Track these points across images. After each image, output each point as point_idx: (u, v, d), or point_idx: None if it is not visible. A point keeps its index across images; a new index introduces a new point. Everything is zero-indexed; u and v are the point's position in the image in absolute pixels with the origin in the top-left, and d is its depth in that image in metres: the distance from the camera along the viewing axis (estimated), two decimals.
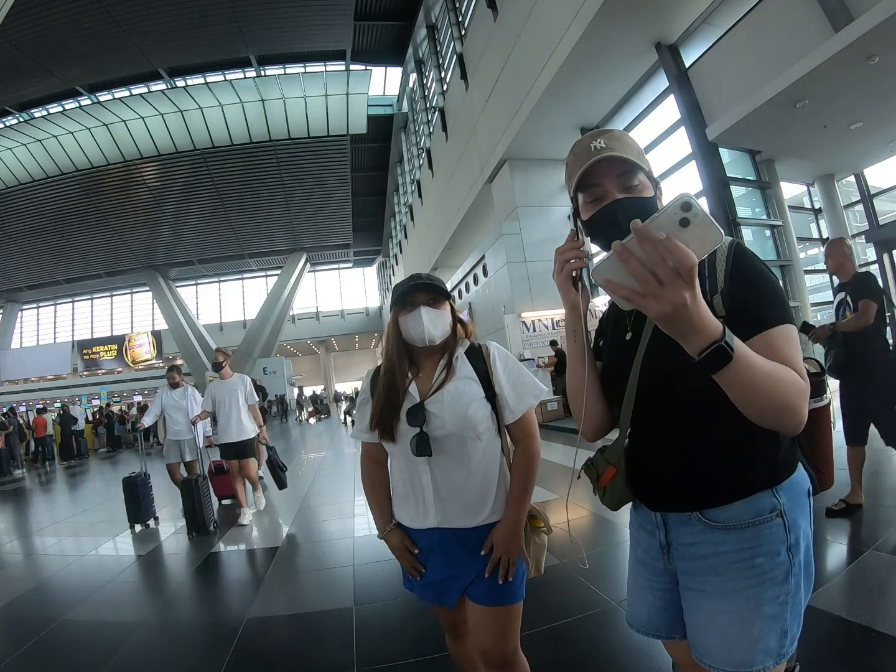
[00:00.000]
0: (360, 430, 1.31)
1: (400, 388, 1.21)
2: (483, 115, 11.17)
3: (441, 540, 1.20)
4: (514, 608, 1.18)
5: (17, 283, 25.84)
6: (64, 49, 13.50)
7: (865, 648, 1.59)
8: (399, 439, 1.20)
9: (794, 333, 0.73)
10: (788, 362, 0.69)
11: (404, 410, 1.19)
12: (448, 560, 1.19)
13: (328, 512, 4.44)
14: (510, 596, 1.17)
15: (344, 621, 2.26)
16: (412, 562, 1.22)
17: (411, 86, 18.08)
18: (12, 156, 18.25)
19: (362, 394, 1.33)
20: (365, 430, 1.29)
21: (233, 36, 14.48)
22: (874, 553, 2.19)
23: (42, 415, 12.06)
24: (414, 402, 1.20)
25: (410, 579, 1.27)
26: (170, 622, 2.49)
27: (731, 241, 0.79)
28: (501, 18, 9.81)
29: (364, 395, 1.32)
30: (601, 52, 7.12)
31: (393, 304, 1.25)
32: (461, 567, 1.18)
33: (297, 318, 31.68)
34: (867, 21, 4.47)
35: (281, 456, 4.49)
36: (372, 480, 1.34)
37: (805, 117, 5.99)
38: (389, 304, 1.29)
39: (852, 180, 8.62)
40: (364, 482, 1.36)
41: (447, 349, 1.25)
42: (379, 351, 2.90)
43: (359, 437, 1.34)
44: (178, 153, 18.94)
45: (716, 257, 0.78)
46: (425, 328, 1.18)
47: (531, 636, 1.88)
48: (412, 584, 1.28)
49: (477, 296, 11.95)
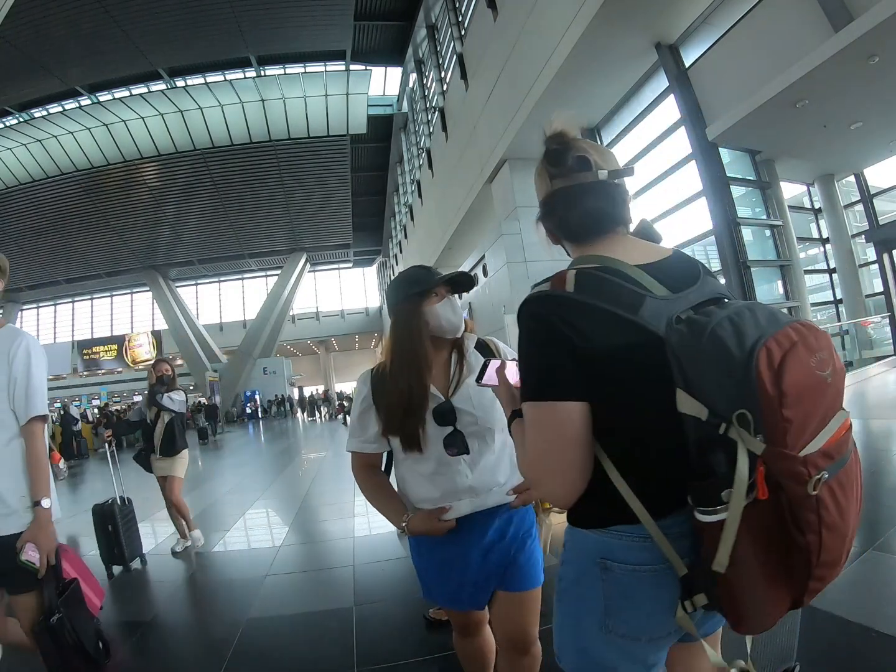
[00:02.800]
0: (364, 440, 1.20)
1: (426, 385, 1.13)
2: (483, 115, 11.17)
3: (476, 526, 1.18)
4: (538, 591, 1.23)
5: (17, 283, 25.82)
6: (64, 49, 13.51)
7: (865, 648, 1.58)
8: (429, 443, 1.13)
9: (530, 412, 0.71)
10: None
11: (429, 411, 1.13)
12: (484, 552, 1.18)
13: (328, 512, 4.44)
14: (537, 579, 1.22)
15: (344, 621, 2.26)
16: (448, 525, 1.13)
17: (411, 86, 18.07)
18: (12, 156, 18.26)
19: (361, 401, 1.20)
20: (371, 439, 1.19)
21: (233, 36, 14.48)
22: (874, 553, 2.18)
23: None
24: (438, 400, 1.15)
25: (436, 588, 1.23)
26: (170, 622, 2.49)
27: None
28: (501, 18, 9.81)
29: (365, 402, 1.19)
30: (601, 52, 7.11)
31: (410, 295, 1.17)
32: (498, 554, 1.19)
33: (297, 318, 31.66)
34: (867, 21, 4.47)
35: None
36: (373, 485, 1.25)
37: (805, 117, 5.99)
38: (399, 297, 1.19)
39: (852, 180, 8.62)
40: (365, 490, 1.26)
41: (455, 344, 1.24)
42: (378, 351, 2.16)
43: (361, 449, 1.21)
44: (178, 153, 18.95)
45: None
46: (460, 317, 1.18)
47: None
48: (437, 593, 1.23)
49: (477, 296, 11.95)
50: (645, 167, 7.85)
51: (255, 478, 7.05)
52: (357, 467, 1.26)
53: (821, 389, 0.60)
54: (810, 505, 0.58)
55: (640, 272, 0.71)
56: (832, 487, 0.59)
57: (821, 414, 0.60)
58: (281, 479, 6.71)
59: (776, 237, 7.30)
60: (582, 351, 0.66)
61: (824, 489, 0.58)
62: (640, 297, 0.68)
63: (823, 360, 0.60)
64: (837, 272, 8.75)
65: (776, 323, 0.61)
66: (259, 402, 24.05)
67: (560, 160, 0.80)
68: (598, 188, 0.78)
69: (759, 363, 0.57)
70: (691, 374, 0.62)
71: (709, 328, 0.61)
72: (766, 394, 0.57)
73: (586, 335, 0.66)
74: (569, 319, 0.67)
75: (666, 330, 0.65)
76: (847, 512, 0.61)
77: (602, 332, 0.66)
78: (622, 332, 0.66)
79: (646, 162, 7.83)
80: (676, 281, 0.72)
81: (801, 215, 8.79)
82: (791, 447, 0.57)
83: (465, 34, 12.30)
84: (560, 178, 0.80)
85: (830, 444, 0.59)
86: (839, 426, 0.61)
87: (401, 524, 1.17)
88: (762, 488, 0.58)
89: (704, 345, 0.60)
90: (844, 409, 0.63)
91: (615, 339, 0.66)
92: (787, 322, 0.61)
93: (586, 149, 0.80)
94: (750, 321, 0.61)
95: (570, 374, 0.67)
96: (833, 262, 8.79)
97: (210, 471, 8.30)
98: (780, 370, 0.57)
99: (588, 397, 0.68)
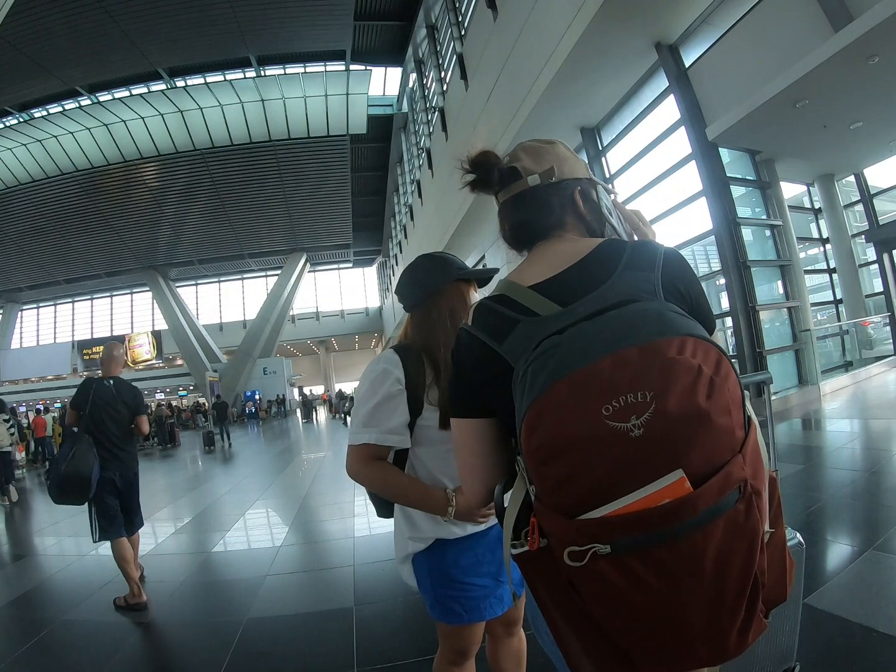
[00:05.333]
0: (387, 431, 1.06)
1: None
2: (483, 115, 11.17)
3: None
4: None
5: (17, 283, 25.84)
6: (64, 49, 13.51)
7: (865, 648, 1.58)
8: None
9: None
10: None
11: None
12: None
13: (328, 512, 4.44)
14: None
15: (344, 621, 2.26)
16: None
17: (411, 86, 18.07)
18: (12, 156, 18.26)
19: (388, 387, 1.06)
20: (397, 430, 1.06)
21: (233, 36, 14.49)
22: (874, 553, 2.18)
23: (42, 415, 12.05)
24: None
25: (475, 598, 1.12)
26: (170, 622, 2.49)
27: None
28: (501, 18, 9.81)
29: (394, 387, 1.06)
30: (601, 53, 7.11)
31: (455, 277, 1.16)
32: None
33: (297, 318, 31.67)
34: (867, 21, 4.46)
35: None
36: (393, 473, 1.10)
37: (805, 117, 5.99)
38: (445, 276, 1.16)
39: (852, 180, 8.62)
40: (383, 482, 1.09)
41: None
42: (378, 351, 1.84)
43: (381, 442, 1.07)
44: (178, 153, 18.94)
45: None
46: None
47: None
48: (487, 606, 1.14)
49: (476, 296, 11.95)
50: (645, 167, 7.86)
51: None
52: (361, 462, 1.08)
53: (613, 445, 0.50)
54: (584, 575, 0.51)
55: (530, 293, 0.68)
56: (625, 563, 0.50)
57: (612, 473, 0.50)
58: (280, 479, 6.71)
59: (776, 237, 7.30)
60: (470, 376, 0.71)
61: (605, 564, 0.50)
62: (513, 324, 0.66)
63: (630, 407, 0.49)
64: (837, 272, 8.75)
65: (593, 354, 0.53)
66: (259, 401, 24.06)
67: (487, 179, 0.78)
68: (527, 196, 0.76)
69: (532, 406, 0.53)
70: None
71: (529, 363, 0.58)
72: (525, 441, 0.54)
73: (472, 364, 0.71)
74: (463, 350, 0.72)
75: (520, 359, 0.62)
76: (665, 595, 0.50)
77: (481, 362, 0.69)
78: (490, 361, 0.67)
79: (646, 162, 7.84)
80: (574, 291, 0.65)
81: (801, 215, 8.78)
82: (555, 507, 0.52)
83: (465, 34, 12.30)
84: (501, 194, 0.80)
85: (625, 513, 0.49)
86: (650, 493, 0.49)
87: (447, 507, 1.04)
88: (532, 539, 0.55)
89: (519, 379, 0.59)
90: (681, 474, 0.49)
91: (487, 367, 0.68)
92: (613, 349, 0.52)
93: (518, 156, 0.78)
94: (565, 351, 0.55)
95: (466, 396, 0.73)
96: (833, 262, 8.79)
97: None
98: (540, 419, 0.52)
99: (487, 415, 0.72)
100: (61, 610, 2.68)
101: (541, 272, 0.71)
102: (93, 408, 2.74)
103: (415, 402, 1.08)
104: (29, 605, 2.84)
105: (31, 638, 2.34)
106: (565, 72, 7.52)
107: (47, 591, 3.10)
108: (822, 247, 9.04)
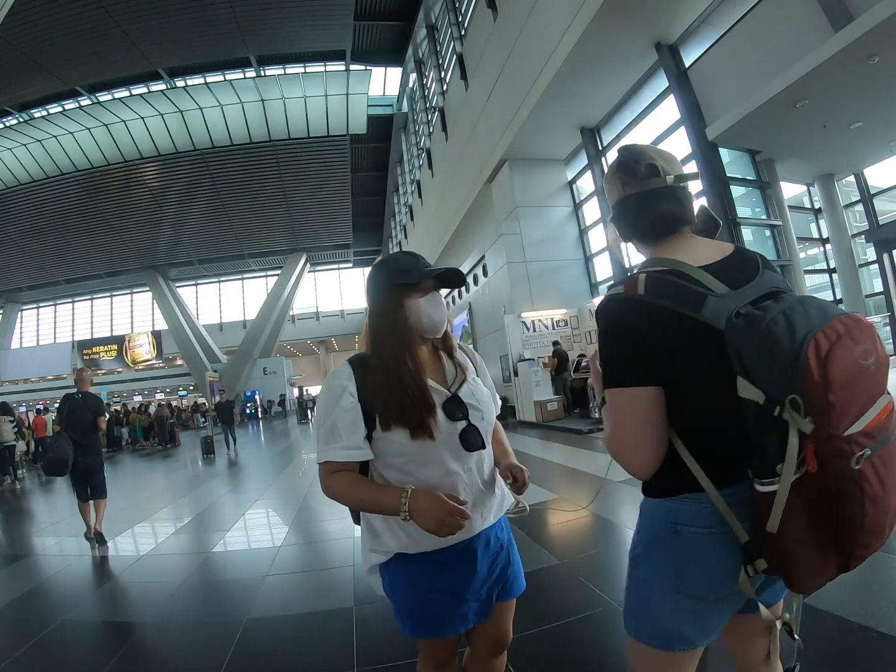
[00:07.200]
0: (348, 447, 1.02)
1: (424, 380, 1.04)
2: (483, 115, 11.17)
3: (482, 544, 1.12)
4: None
5: (17, 283, 25.86)
6: (64, 49, 13.53)
7: (865, 648, 1.58)
8: (441, 439, 1.03)
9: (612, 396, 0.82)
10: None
11: (438, 406, 1.05)
12: (490, 561, 1.13)
13: (328, 512, 4.43)
14: (523, 585, 1.21)
15: (344, 621, 2.26)
16: (460, 510, 0.96)
17: (411, 86, 18.09)
18: (12, 156, 18.27)
19: (343, 401, 1.03)
20: (359, 444, 1.02)
21: (233, 36, 14.50)
22: (874, 553, 2.18)
23: (42, 415, 12.05)
24: (443, 394, 1.07)
25: (435, 614, 1.08)
26: (170, 622, 2.49)
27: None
28: (501, 18, 9.81)
29: (346, 400, 1.03)
30: (601, 53, 7.12)
31: (394, 284, 1.07)
32: (501, 561, 1.16)
33: (297, 318, 31.66)
34: (867, 21, 4.47)
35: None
36: (355, 480, 1.06)
37: (805, 117, 5.99)
38: (384, 285, 1.08)
39: (852, 180, 8.61)
40: (341, 492, 1.05)
41: (434, 344, 1.17)
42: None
43: (347, 458, 1.03)
44: (178, 153, 18.96)
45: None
46: (443, 316, 1.10)
47: (532, 636, 1.88)
48: (434, 621, 1.09)
49: (477, 296, 11.95)
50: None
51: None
52: (329, 474, 1.05)
53: (863, 377, 0.67)
54: (853, 479, 0.65)
55: (702, 273, 0.79)
56: (874, 464, 0.66)
57: (863, 398, 0.67)
58: (280, 479, 6.70)
59: (776, 237, 7.30)
60: (652, 345, 0.76)
61: (866, 465, 0.65)
62: (702, 296, 0.75)
63: (866, 350, 0.67)
64: (837, 272, 8.74)
65: (825, 317, 0.68)
66: (259, 401, 24.07)
67: (632, 168, 0.88)
68: (666, 193, 0.87)
69: (808, 354, 0.64)
70: (749, 364, 0.70)
71: (764, 323, 0.68)
72: (814, 381, 0.64)
73: (655, 332, 0.76)
74: (640, 318, 0.77)
75: (726, 325, 0.72)
76: (889, 486, 0.67)
77: (669, 329, 0.75)
78: (687, 328, 0.75)
79: None
80: (736, 278, 0.79)
81: (801, 215, 8.78)
82: (836, 428, 0.64)
83: (465, 34, 12.31)
84: (631, 185, 0.89)
85: (872, 426, 0.66)
86: (881, 409, 0.68)
87: (400, 505, 0.96)
88: (811, 462, 0.66)
89: (760, 337, 0.68)
90: (888, 394, 0.70)
91: (681, 334, 0.75)
92: (835, 315, 0.68)
93: (654, 156, 0.88)
94: (801, 315, 0.68)
95: (640, 365, 0.77)
96: (833, 262, 8.79)
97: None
98: (826, 360, 0.64)
99: (657, 384, 0.77)
100: (61, 610, 2.68)
101: (702, 256, 0.83)
102: (68, 413, 4.00)
103: (368, 415, 1.03)
104: (29, 605, 2.84)
105: (31, 638, 2.33)
106: (565, 72, 7.53)
107: (47, 591, 3.09)
108: (822, 247, 9.04)
